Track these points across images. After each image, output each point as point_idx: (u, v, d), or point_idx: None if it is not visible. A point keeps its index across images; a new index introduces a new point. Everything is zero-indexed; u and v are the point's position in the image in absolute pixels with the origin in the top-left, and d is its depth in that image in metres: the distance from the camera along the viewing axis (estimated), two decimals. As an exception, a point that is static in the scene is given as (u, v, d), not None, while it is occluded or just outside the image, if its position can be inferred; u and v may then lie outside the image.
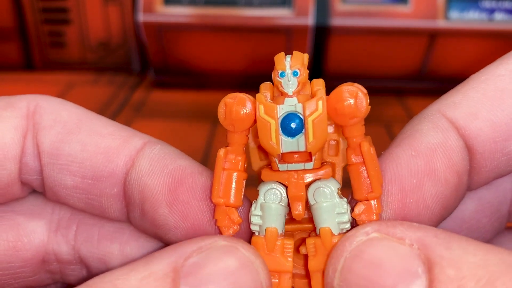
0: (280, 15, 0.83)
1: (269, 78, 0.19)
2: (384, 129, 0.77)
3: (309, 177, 0.19)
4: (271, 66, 0.19)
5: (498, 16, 0.82)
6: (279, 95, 0.19)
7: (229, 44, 0.87)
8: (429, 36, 0.84)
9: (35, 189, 0.23)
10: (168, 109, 0.85)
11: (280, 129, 0.19)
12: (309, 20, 0.83)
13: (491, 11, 0.82)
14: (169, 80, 0.93)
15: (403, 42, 0.85)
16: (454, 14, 0.82)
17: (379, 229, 0.17)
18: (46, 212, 0.24)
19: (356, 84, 0.19)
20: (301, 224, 0.21)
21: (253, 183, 0.21)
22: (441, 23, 0.82)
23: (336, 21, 0.83)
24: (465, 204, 0.23)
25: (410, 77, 0.90)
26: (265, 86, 0.20)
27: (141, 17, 0.84)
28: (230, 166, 0.20)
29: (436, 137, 0.20)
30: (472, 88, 0.20)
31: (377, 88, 0.89)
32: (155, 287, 0.17)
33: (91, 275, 0.24)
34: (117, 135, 0.22)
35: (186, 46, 0.88)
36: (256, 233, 0.20)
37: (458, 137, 0.20)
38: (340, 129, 0.20)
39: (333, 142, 0.21)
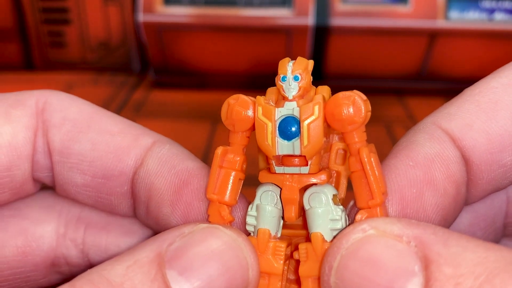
0: (280, 15, 0.83)
1: (269, 78, 0.19)
2: (384, 129, 0.77)
3: (303, 182, 0.19)
4: (271, 66, 0.19)
5: (498, 16, 0.82)
6: (281, 99, 0.19)
7: (229, 44, 0.87)
8: (429, 36, 0.84)
9: (46, 184, 0.24)
10: (168, 109, 0.85)
11: (277, 132, 0.19)
12: (309, 20, 0.83)
13: (491, 11, 0.82)
14: (169, 80, 0.93)
15: (403, 42, 0.85)
16: (454, 14, 0.82)
17: (377, 226, 0.17)
18: (53, 216, 0.24)
19: (355, 91, 0.19)
20: (299, 230, 0.21)
21: (256, 183, 0.21)
22: (441, 23, 0.82)
23: (336, 21, 0.83)
24: (460, 217, 0.23)
25: (410, 77, 0.90)
26: (271, 90, 0.20)
27: (141, 17, 0.84)
28: (228, 165, 0.20)
29: (433, 148, 0.20)
30: (466, 101, 0.21)
31: (377, 88, 0.89)
32: (141, 273, 0.17)
33: None
34: (127, 133, 0.22)
35: (186, 46, 0.88)
36: (251, 234, 0.20)
37: (454, 148, 0.20)
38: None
39: (341, 151, 0.21)
